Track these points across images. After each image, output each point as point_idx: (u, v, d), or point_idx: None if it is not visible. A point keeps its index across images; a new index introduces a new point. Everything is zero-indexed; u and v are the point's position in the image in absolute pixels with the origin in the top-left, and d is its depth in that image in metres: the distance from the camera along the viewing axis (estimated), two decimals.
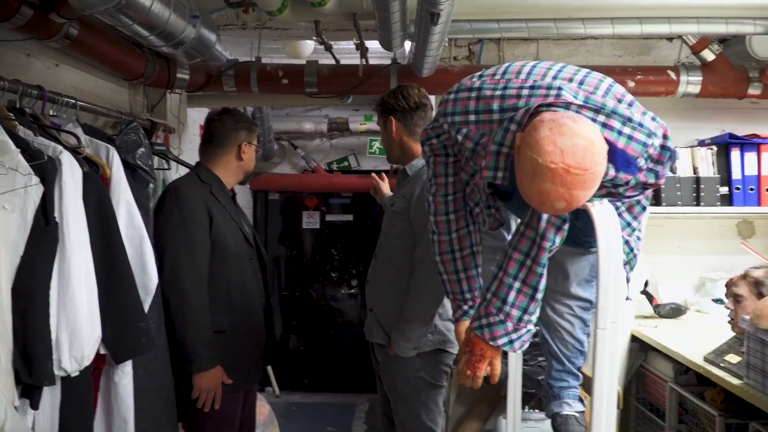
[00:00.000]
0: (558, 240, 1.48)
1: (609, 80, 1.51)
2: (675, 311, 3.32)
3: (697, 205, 3.31)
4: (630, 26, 2.91)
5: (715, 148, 3.33)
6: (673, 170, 3.35)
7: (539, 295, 1.52)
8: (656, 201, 3.33)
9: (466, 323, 1.78)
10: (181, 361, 2.26)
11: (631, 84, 3.26)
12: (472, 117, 1.53)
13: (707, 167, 3.33)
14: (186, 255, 2.29)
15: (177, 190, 2.38)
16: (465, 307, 1.83)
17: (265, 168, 5.37)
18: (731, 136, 3.33)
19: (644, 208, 1.61)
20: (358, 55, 3.26)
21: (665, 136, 1.44)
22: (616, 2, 2.77)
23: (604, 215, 1.36)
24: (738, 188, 3.32)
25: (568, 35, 3.02)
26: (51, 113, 2.10)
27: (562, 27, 2.93)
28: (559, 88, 1.42)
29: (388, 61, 3.47)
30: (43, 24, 2.12)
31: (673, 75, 3.29)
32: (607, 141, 1.35)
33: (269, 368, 4.98)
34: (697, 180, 3.31)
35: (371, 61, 3.50)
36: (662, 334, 2.99)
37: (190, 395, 2.28)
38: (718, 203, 3.31)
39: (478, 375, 1.60)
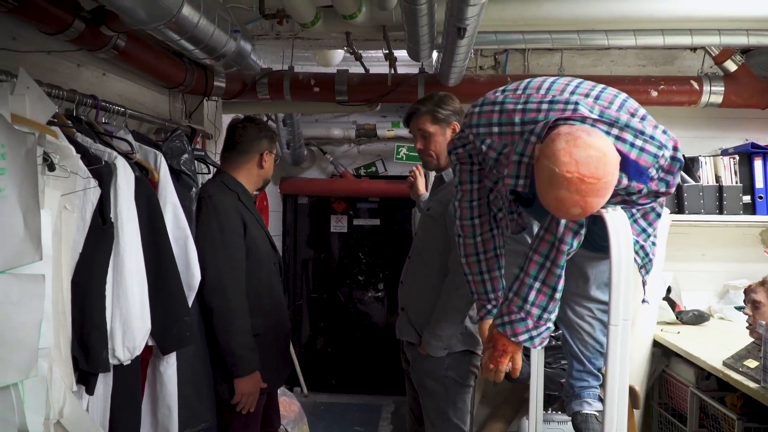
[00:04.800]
0: (575, 243, 1.57)
1: (623, 95, 1.60)
2: (698, 318, 3.35)
3: (720, 213, 3.36)
4: (652, 38, 2.98)
5: (737, 157, 3.37)
6: (696, 179, 3.40)
7: (558, 295, 1.62)
8: (679, 209, 3.38)
9: (488, 321, 1.88)
10: (222, 365, 2.34)
11: (654, 94, 3.32)
12: (495, 129, 1.63)
13: (730, 176, 3.37)
14: (227, 261, 2.35)
15: (212, 199, 2.41)
16: (489, 306, 1.93)
17: (294, 172, 5.52)
18: (753, 145, 3.36)
19: (659, 215, 1.70)
20: (386, 62, 3.36)
21: (675, 148, 1.52)
22: (639, 14, 2.82)
23: (616, 220, 1.46)
24: (761, 197, 3.35)
25: (592, 46, 3.08)
26: (103, 121, 2.25)
27: (586, 38, 3.01)
28: (576, 103, 1.53)
29: (415, 69, 3.58)
30: (93, 36, 2.27)
31: (695, 85, 3.34)
32: (620, 152, 1.45)
33: (298, 368, 5.11)
34: (720, 189, 3.35)
35: (399, 70, 3.60)
36: (684, 339, 3.03)
37: (223, 397, 2.36)
38: (741, 212, 3.35)
39: (500, 369, 1.70)
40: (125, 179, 1.85)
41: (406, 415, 2.79)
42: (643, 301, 1.81)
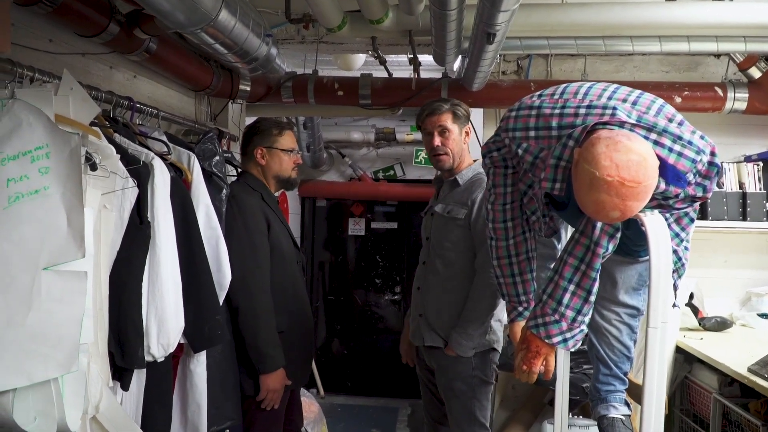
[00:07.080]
0: (611, 247, 1.59)
1: (660, 101, 1.61)
2: (720, 324, 3.34)
3: (744, 220, 3.35)
4: (678, 44, 2.99)
5: (761, 163, 3.36)
6: (719, 185, 3.38)
7: (592, 298, 1.63)
8: (702, 215, 3.37)
9: (520, 324, 1.90)
10: (248, 362, 2.36)
11: (678, 100, 3.31)
12: (532, 133, 1.65)
13: (753, 183, 3.36)
14: (252, 260, 2.38)
15: (237, 198, 2.44)
16: (520, 309, 1.95)
17: (313, 175, 5.55)
18: None
19: (692, 220, 1.71)
20: (408, 66, 3.38)
21: (713, 153, 1.54)
22: (665, 20, 2.82)
23: (654, 223, 1.47)
24: None
25: (617, 52, 3.08)
26: (137, 122, 2.29)
27: (611, 44, 3.02)
28: (614, 108, 1.54)
29: (436, 74, 3.60)
30: (127, 39, 2.32)
31: (719, 92, 3.34)
32: (659, 157, 1.46)
33: (315, 370, 5.13)
34: (744, 195, 3.35)
35: (421, 74, 3.63)
36: (707, 346, 3.02)
37: (247, 394, 2.39)
38: (765, 219, 3.34)
39: (533, 370, 1.72)
40: (162, 179, 1.87)
41: (424, 419, 2.80)
42: (674, 305, 1.82)
